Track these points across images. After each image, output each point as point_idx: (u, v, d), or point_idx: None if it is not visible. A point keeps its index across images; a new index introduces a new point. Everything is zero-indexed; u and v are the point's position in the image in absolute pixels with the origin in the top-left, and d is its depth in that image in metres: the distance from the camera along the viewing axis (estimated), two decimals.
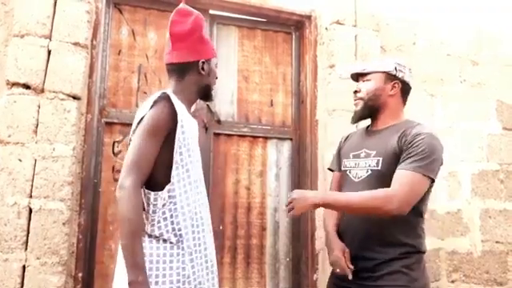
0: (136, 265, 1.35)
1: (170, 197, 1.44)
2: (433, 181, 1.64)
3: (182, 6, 1.61)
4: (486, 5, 3.24)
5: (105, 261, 2.37)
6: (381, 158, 1.68)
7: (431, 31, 3.09)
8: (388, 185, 1.63)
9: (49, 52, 2.19)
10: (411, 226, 1.69)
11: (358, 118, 1.83)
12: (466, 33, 3.18)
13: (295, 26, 2.96)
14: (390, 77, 1.77)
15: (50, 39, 2.20)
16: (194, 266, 1.45)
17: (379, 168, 1.68)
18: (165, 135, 1.46)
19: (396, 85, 1.77)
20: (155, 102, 1.47)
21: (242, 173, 2.76)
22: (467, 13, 3.19)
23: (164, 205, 1.44)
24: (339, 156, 1.94)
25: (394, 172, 1.64)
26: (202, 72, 1.60)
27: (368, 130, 1.86)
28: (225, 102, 2.77)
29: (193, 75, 1.60)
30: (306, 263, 2.69)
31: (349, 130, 2.04)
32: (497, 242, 3.00)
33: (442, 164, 1.68)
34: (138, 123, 1.47)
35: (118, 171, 2.12)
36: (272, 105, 2.88)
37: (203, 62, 1.59)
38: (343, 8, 2.80)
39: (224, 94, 2.77)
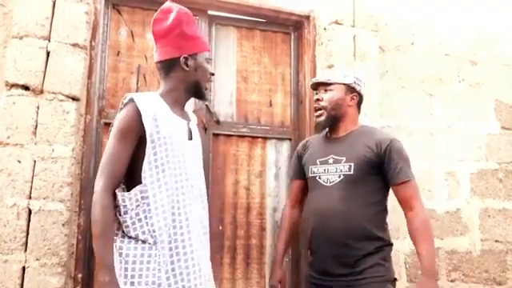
0: (104, 266, 1.35)
1: (142, 198, 1.43)
2: None
3: (166, 4, 1.60)
4: (485, 5, 3.25)
5: None
6: (352, 164, 1.85)
7: (430, 31, 3.09)
8: (359, 187, 1.82)
9: (48, 53, 2.19)
10: (381, 220, 1.87)
11: (322, 127, 2.01)
12: (465, 33, 3.18)
13: (294, 27, 2.96)
14: (350, 89, 1.98)
15: (49, 40, 2.20)
16: (174, 269, 1.43)
17: (351, 173, 1.84)
18: (136, 136, 1.46)
19: (354, 97, 1.99)
20: (124, 105, 1.50)
21: (242, 173, 2.76)
22: (466, 13, 3.19)
23: (138, 206, 1.43)
24: (300, 164, 2.08)
25: (365, 175, 1.83)
26: (186, 68, 1.57)
27: (329, 137, 2.02)
28: (224, 102, 2.78)
29: (178, 72, 1.58)
30: (305, 263, 2.69)
31: None
32: (496, 241, 3.00)
33: None
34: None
35: None
36: (271, 105, 2.88)
37: (185, 58, 1.57)
38: (342, 8, 2.80)
39: (223, 94, 2.77)
